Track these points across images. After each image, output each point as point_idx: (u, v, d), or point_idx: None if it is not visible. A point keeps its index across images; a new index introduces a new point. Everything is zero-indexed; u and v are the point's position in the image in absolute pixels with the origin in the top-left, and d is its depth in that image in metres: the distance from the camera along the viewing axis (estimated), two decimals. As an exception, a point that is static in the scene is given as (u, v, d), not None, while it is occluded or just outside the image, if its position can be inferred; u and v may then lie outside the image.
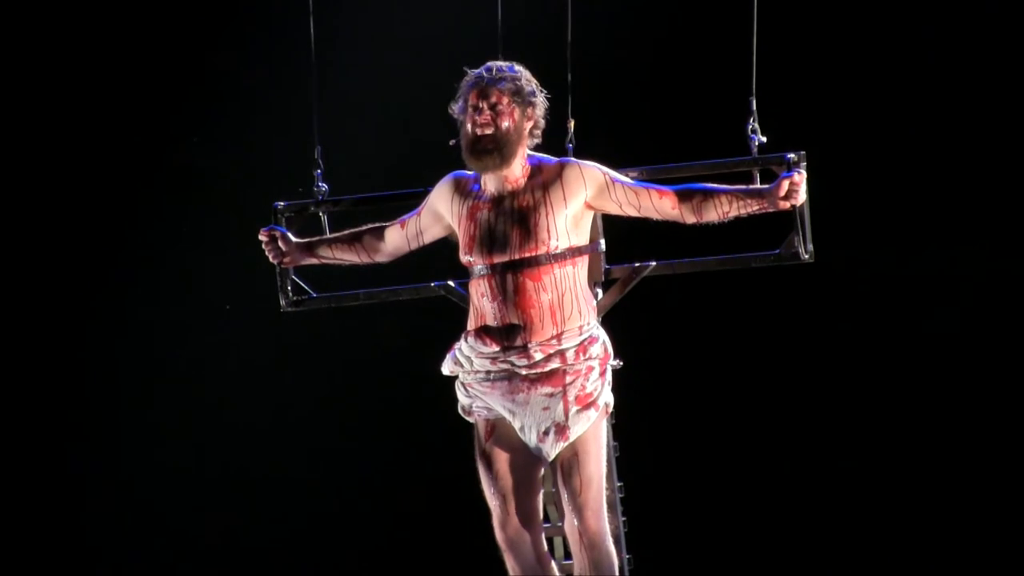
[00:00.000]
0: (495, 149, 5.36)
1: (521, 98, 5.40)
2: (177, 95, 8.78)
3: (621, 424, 5.75)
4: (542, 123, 5.48)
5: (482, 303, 5.42)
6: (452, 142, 5.48)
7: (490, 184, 5.45)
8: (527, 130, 5.43)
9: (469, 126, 5.38)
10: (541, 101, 5.46)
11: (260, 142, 8.62)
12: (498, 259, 5.38)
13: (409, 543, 8.78)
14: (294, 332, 8.47)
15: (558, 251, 5.38)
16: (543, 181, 5.41)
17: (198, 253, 8.83)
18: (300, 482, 8.85)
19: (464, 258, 5.47)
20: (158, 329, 8.89)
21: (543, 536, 5.54)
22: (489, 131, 5.36)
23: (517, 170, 5.43)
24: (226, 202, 8.64)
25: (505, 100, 5.38)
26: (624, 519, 5.80)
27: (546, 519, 5.72)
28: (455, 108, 5.45)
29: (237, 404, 8.81)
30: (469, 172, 5.54)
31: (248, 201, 7.84)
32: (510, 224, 5.38)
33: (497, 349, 5.39)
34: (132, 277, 8.90)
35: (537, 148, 5.52)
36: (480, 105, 5.37)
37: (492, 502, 5.46)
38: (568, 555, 5.68)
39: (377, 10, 8.52)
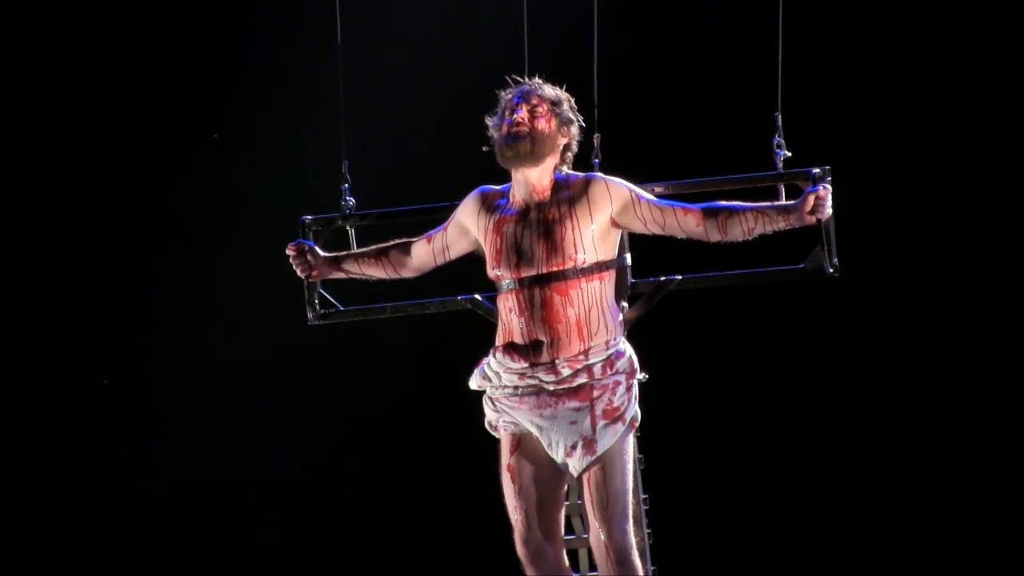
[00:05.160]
0: (528, 138, 5.38)
1: (559, 109, 5.45)
2: (204, 106, 8.82)
3: (646, 437, 5.76)
4: (574, 147, 5.52)
5: (510, 318, 5.43)
6: (485, 148, 5.50)
7: (517, 194, 5.47)
8: (560, 144, 5.47)
9: (505, 126, 5.43)
10: (576, 128, 5.51)
11: (289, 155, 8.65)
12: (525, 273, 5.40)
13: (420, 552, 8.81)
14: (298, 336, 8.48)
15: (585, 265, 5.40)
16: (569, 195, 5.43)
17: (212, 258, 8.87)
18: (302, 485, 8.87)
19: (491, 272, 5.48)
20: (163, 335, 8.93)
21: (564, 551, 5.54)
22: (525, 128, 5.39)
23: (545, 179, 5.45)
24: (252, 213, 8.67)
25: (544, 106, 5.43)
26: (649, 531, 5.79)
27: (570, 530, 5.73)
28: (491, 121, 5.49)
29: (238, 407, 8.83)
30: (496, 187, 5.57)
31: (276, 214, 7.89)
32: (536, 237, 5.40)
33: (525, 365, 5.41)
34: (136, 280, 8.94)
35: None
36: (518, 106, 5.42)
37: (515, 516, 5.47)
38: (592, 567, 5.69)
39: (405, 23, 8.54)
